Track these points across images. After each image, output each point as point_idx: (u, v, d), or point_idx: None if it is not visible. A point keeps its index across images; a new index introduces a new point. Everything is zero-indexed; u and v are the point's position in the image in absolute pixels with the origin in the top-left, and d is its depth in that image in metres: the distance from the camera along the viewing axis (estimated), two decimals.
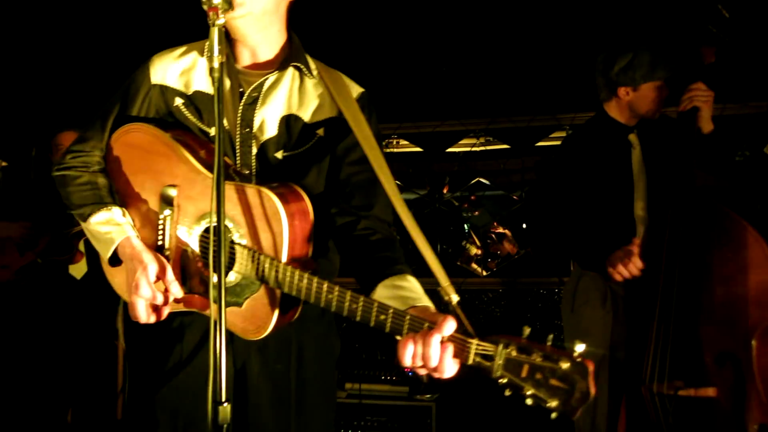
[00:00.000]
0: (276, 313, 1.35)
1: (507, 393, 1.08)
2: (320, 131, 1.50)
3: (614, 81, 2.51)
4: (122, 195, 1.53)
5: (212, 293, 1.14)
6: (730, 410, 2.03)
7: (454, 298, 1.29)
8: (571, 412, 1.03)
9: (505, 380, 1.07)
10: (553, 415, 1.04)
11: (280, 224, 1.32)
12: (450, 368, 1.11)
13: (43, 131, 3.32)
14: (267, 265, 1.31)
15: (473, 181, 4.42)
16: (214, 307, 1.13)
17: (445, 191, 4.69)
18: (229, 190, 1.36)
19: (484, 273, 4.30)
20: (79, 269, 3.16)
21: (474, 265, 4.39)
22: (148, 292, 1.39)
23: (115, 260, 1.48)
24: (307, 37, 1.61)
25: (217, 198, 1.17)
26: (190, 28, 1.59)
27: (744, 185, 2.83)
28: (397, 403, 3.42)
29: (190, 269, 1.45)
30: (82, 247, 3.12)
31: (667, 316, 2.13)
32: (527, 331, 1.11)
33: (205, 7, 1.23)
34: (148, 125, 1.48)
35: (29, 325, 3.07)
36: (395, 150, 4.35)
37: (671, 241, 2.18)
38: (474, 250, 4.53)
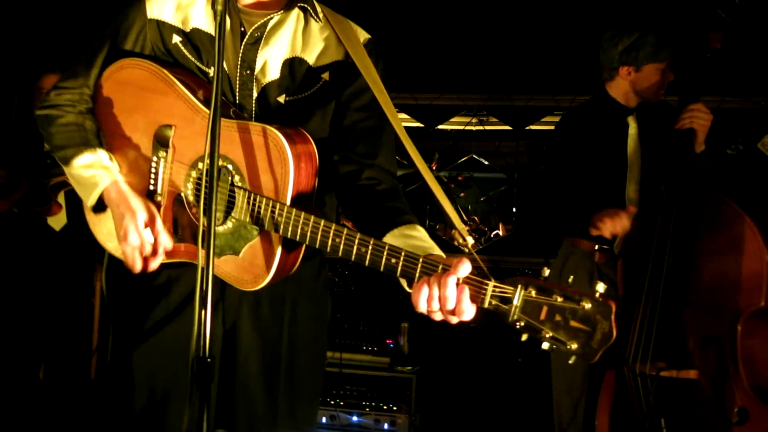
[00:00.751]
0: (276, 260, 1.28)
1: (524, 337, 1.04)
2: (325, 75, 1.43)
3: (617, 60, 2.49)
4: (111, 136, 1.44)
5: (200, 239, 1.09)
6: (711, 393, 2.04)
7: (470, 240, 1.24)
8: (591, 354, 0.99)
9: (522, 323, 1.03)
10: (572, 359, 1.01)
11: (287, 165, 1.25)
12: (468, 311, 1.06)
13: (26, 75, 3.21)
14: (269, 209, 1.25)
15: (465, 158, 4.39)
16: (201, 253, 1.07)
17: (433, 167, 4.66)
18: (230, 129, 1.29)
19: (470, 247, 4.28)
20: (58, 221, 3.08)
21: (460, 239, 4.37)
22: (137, 240, 1.31)
23: (100, 207, 1.41)
24: None
25: (212, 138, 1.12)
26: None
27: (736, 175, 2.84)
28: (378, 373, 3.41)
29: (182, 217, 1.38)
30: (61, 199, 3.04)
31: (654, 297, 2.13)
32: (547, 272, 1.07)
33: None
34: (144, 60, 1.39)
35: (2, 275, 3.00)
36: None
37: (663, 223, 2.17)
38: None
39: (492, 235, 5.20)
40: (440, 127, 4.24)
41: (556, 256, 2.73)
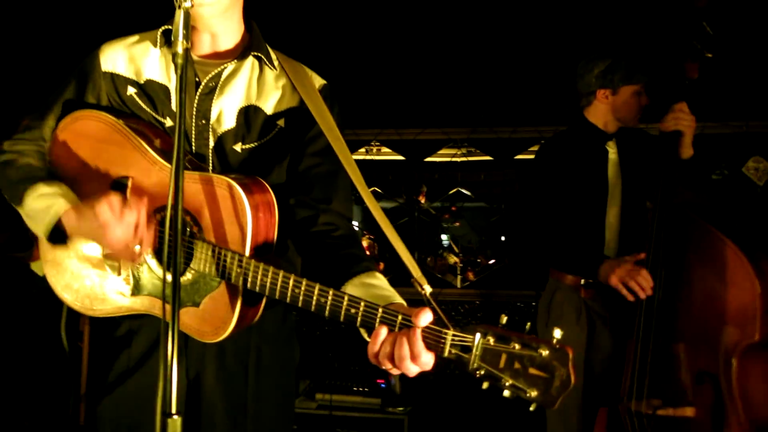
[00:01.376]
0: (237, 311, 1.26)
1: (485, 386, 1.03)
2: (281, 122, 1.43)
3: (594, 84, 2.51)
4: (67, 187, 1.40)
5: (165, 292, 1.05)
6: (709, 430, 1.99)
7: (428, 288, 1.22)
8: (551, 401, 0.99)
9: (482, 372, 1.02)
10: (532, 407, 0.99)
11: (245, 216, 1.23)
12: (426, 361, 1.04)
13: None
14: (228, 260, 1.23)
15: (452, 191, 4.38)
16: (167, 308, 1.02)
17: (421, 200, 4.65)
18: (189, 179, 1.27)
19: (460, 285, 4.25)
20: (41, 266, 3.03)
21: (451, 276, 4.34)
22: (120, 230, 1.21)
23: (58, 237, 1.34)
24: (288, 34, 1.54)
25: (175, 190, 1.06)
26: (142, 19, 1.51)
27: (721, 203, 2.83)
28: (369, 415, 3.34)
29: (139, 268, 1.34)
30: None
31: (647, 333, 2.09)
32: (504, 319, 1.06)
33: None
34: (99, 112, 1.38)
35: None
36: (375, 157, 4.29)
37: (654, 258, 2.14)
38: (452, 260, 4.47)
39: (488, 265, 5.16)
40: (427, 159, 4.24)
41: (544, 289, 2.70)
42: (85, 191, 1.37)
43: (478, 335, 1.02)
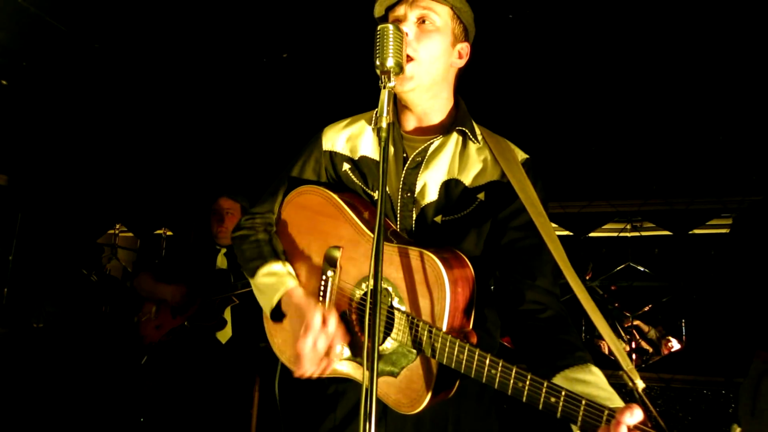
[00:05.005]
0: (432, 387, 1.25)
1: None
2: (481, 195, 1.44)
3: None
4: (289, 254, 1.54)
5: (365, 360, 1.08)
6: None
7: (640, 384, 1.12)
8: None
9: None
10: None
11: (443, 290, 1.24)
12: None
13: (203, 199, 3.58)
14: (425, 333, 1.23)
15: (621, 267, 4.12)
16: (366, 374, 1.06)
17: (587, 278, 4.42)
18: (391, 252, 1.32)
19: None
20: (224, 335, 3.28)
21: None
22: (310, 342, 1.31)
23: (278, 315, 1.47)
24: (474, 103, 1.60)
25: (375, 262, 1.12)
26: (356, 101, 1.66)
27: None
28: None
29: (345, 333, 1.39)
30: (227, 315, 3.25)
31: None
32: (738, 430, 0.91)
33: (378, 71, 1.27)
34: (318, 187, 1.52)
35: (175, 384, 3.21)
36: None
37: None
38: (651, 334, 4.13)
39: (667, 349, 4.71)
40: (592, 234, 4.06)
41: (746, 375, 2.38)
42: (304, 259, 1.51)
43: None
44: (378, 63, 1.25)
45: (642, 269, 4.06)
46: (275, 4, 3.14)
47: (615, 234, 4.21)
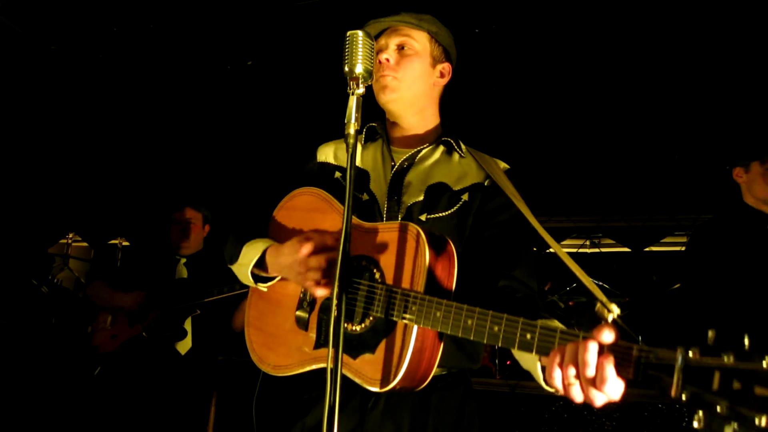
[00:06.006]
0: (408, 356, 1.23)
1: (697, 424, 0.79)
2: (465, 196, 1.50)
3: (731, 164, 2.44)
4: None
5: (331, 340, 1.08)
6: None
7: (615, 310, 1.12)
8: None
9: (687, 396, 0.78)
10: None
11: (423, 256, 1.25)
12: (613, 383, 0.91)
13: (161, 208, 3.50)
14: (403, 299, 1.24)
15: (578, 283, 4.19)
16: (331, 353, 1.06)
17: (545, 288, 4.50)
18: (374, 229, 1.35)
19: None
20: (184, 346, 3.18)
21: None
22: (303, 265, 1.32)
23: (261, 276, 1.46)
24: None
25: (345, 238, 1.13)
26: (321, 110, 1.68)
27: None
28: None
29: (326, 323, 1.38)
30: (188, 325, 3.16)
31: None
32: (712, 334, 0.82)
33: (347, 77, 1.27)
34: (309, 187, 1.56)
35: (129, 396, 3.09)
36: None
37: None
38: None
39: None
40: (550, 250, 4.12)
41: None
42: None
43: (678, 349, 0.82)
44: (347, 69, 1.25)
45: (600, 284, 4.15)
46: (236, 12, 3.11)
47: (574, 250, 4.29)
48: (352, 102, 1.24)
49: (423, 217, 1.46)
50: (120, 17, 3.16)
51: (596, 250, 4.06)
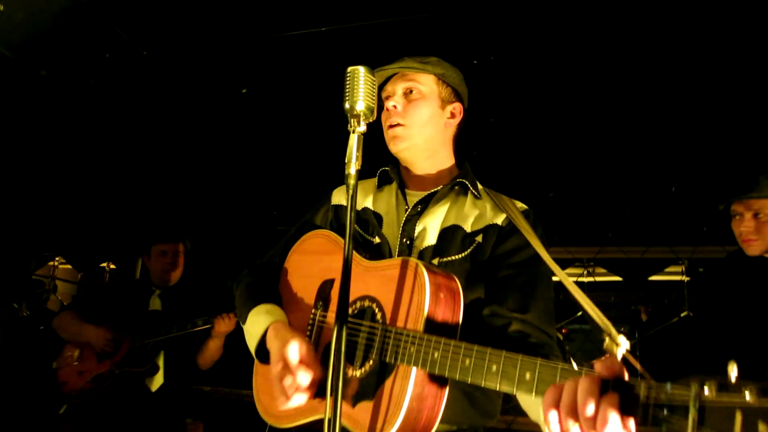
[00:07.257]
0: (406, 400, 1.14)
1: None
2: (479, 238, 1.44)
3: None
4: (287, 298, 1.52)
5: (329, 387, 1.02)
6: None
7: (623, 342, 1.04)
8: None
9: None
10: None
11: (423, 292, 1.18)
12: (614, 426, 0.81)
13: (143, 241, 3.41)
14: (397, 338, 1.17)
15: (579, 313, 4.15)
16: (330, 402, 1.01)
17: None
18: (377, 268, 1.31)
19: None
20: (155, 382, 3.07)
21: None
22: (277, 372, 1.25)
23: (263, 354, 1.39)
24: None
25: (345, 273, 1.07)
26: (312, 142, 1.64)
27: None
28: None
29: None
30: (160, 361, 3.05)
31: None
32: (733, 367, 0.73)
33: (347, 115, 1.22)
34: (321, 230, 1.55)
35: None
36: None
37: None
38: None
39: None
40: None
41: None
42: (300, 300, 1.49)
43: (693, 386, 0.73)
44: (347, 106, 1.19)
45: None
46: (226, 41, 3.07)
47: (573, 279, 4.24)
48: (353, 141, 1.18)
49: (435, 261, 1.40)
50: (112, 43, 3.11)
51: (591, 279, 4.02)
